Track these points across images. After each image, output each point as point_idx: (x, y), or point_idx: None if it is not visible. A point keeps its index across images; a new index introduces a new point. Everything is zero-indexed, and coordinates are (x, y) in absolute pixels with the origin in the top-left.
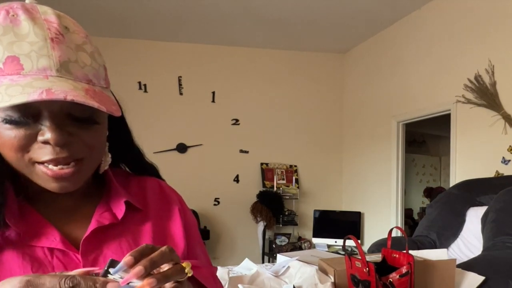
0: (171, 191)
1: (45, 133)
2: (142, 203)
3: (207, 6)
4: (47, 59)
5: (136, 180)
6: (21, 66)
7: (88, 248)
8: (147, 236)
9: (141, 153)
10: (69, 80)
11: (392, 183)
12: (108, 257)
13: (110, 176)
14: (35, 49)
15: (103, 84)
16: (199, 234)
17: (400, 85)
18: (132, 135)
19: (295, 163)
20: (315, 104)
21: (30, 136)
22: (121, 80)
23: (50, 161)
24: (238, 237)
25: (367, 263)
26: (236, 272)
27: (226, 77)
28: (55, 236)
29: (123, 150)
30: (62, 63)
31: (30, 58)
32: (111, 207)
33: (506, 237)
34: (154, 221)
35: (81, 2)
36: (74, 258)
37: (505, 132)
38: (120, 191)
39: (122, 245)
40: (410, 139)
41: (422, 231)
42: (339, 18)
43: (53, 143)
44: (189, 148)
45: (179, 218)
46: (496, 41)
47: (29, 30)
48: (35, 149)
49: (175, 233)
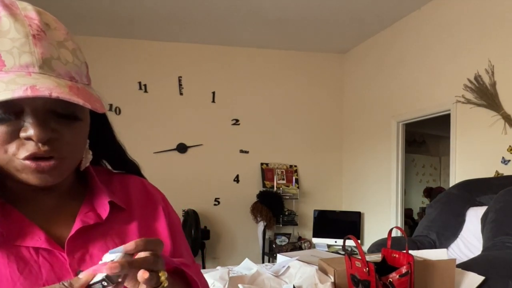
0: (154, 189)
1: (28, 129)
2: (125, 202)
3: (207, 6)
4: (30, 55)
5: (119, 178)
6: (3, 63)
7: (74, 247)
8: (133, 235)
9: (123, 150)
10: (52, 77)
11: (392, 183)
12: (95, 255)
13: (92, 174)
14: (16, 46)
15: (85, 81)
16: (183, 233)
17: (400, 85)
18: (113, 131)
19: (295, 163)
20: (315, 104)
21: (13, 132)
22: (121, 80)
23: (32, 156)
24: (238, 237)
25: (367, 263)
26: (236, 272)
27: (226, 77)
28: (39, 236)
29: (104, 146)
30: (44, 59)
31: (12, 55)
32: (95, 207)
33: (506, 237)
34: (138, 220)
35: (81, 2)
36: (60, 257)
37: (505, 132)
38: (103, 190)
39: (108, 244)
40: (410, 139)
41: (422, 231)
42: (339, 18)
43: (36, 139)
44: (189, 148)
45: (164, 217)
46: (496, 41)
47: (9, 26)
48: (18, 145)
49: (160, 232)
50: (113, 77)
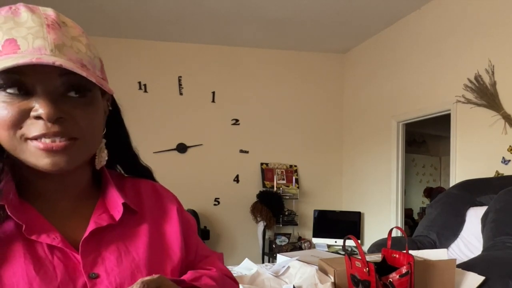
0: (167, 192)
1: (38, 108)
2: (137, 205)
3: (207, 6)
4: (42, 40)
5: (131, 182)
6: (18, 46)
7: (87, 249)
8: (144, 238)
9: (137, 157)
10: (62, 58)
11: (392, 183)
12: (107, 258)
13: (107, 176)
14: (31, 32)
15: (99, 74)
16: (196, 232)
17: (400, 85)
18: (130, 139)
19: (295, 163)
20: (315, 104)
21: (23, 112)
22: (121, 80)
23: (42, 136)
24: (238, 237)
25: (367, 263)
26: (236, 272)
27: (226, 77)
28: (55, 235)
29: (120, 152)
30: (56, 45)
31: (26, 40)
32: (108, 208)
33: (506, 237)
34: (150, 224)
35: (81, 2)
36: (73, 258)
37: (505, 132)
38: (117, 192)
39: (119, 247)
40: (410, 139)
41: (422, 231)
42: (339, 18)
43: (45, 117)
44: (189, 148)
45: (177, 219)
46: (496, 41)
47: (27, 18)
48: (28, 125)
49: (171, 235)
50: (113, 77)
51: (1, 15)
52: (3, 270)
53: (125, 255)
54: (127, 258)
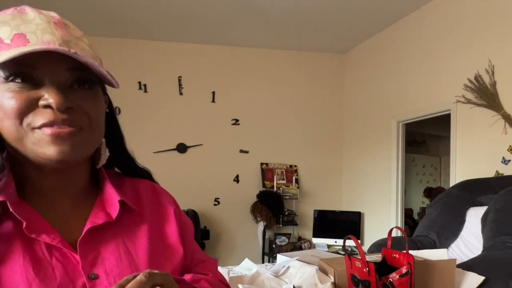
0: (165, 193)
1: (48, 98)
2: (136, 204)
3: (207, 6)
4: (51, 35)
5: (130, 182)
6: (27, 40)
7: (86, 249)
8: (143, 238)
9: (132, 159)
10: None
11: (392, 183)
12: (106, 258)
13: (104, 175)
14: (40, 28)
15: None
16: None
17: (400, 85)
18: (124, 141)
19: (295, 163)
20: (315, 104)
21: (32, 100)
22: (121, 80)
23: (50, 124)
24: (238, 237)
25: (367, 263)
26: (236, 272)
27: (226, 77)
28: (54, 235)
29: (115, 154)
30: (64, 40)
31: (35, 34)
32: (105, 206)
33: (506, 237)
34: (149, 223)
35: (81, 2)
36: (72, 259)
37: (505, 132)
38: (114, 190)
39: (119, 246)
40: (410, 139)
41: (422, 231)
42: (339, 18)
43: (55, 106)
44: (189, 148)
45: (174, 220)
46: (496, 41)
47: (34, 16)
48: (35, 114)
49: (171, 236)
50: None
51: (7, 13)
52: (3, 270)
53: (125, 255)
54: (127, 258)
